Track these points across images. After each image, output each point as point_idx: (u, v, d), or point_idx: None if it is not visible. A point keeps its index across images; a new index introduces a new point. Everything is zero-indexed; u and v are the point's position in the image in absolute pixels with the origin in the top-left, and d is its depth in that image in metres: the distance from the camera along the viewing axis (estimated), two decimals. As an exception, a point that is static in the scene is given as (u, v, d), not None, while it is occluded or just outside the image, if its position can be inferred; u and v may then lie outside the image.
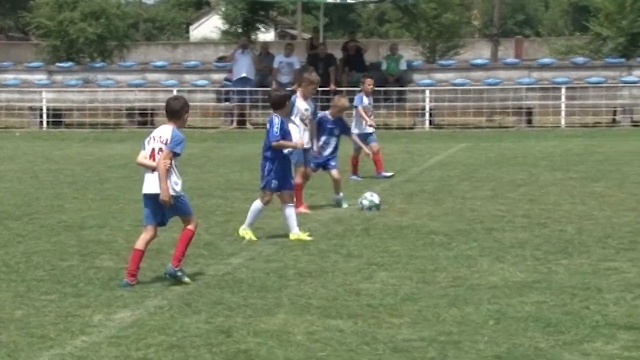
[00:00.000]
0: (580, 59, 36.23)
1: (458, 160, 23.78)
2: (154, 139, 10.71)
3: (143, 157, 10.76)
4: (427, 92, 34.49)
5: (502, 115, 35.77)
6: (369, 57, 37.43)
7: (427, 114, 34.65)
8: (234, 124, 34.88)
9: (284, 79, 34.51)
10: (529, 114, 34.98)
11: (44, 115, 35.79)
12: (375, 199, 15.73)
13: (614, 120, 34.68)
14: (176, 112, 10.83)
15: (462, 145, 28.02)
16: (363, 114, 20.14)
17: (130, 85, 36.07)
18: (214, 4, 70.44)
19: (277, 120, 13.27)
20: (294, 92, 15.92)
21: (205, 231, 13.73)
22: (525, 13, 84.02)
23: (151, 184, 10.64)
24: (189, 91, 35.53)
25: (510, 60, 39.70)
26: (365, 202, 15.70)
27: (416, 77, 35.56)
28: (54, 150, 27.71)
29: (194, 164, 23.28)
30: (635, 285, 10.20)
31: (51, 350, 8.13)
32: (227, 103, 35.01)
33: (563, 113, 34.31)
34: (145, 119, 35.56)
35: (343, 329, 8.67)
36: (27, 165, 23.51)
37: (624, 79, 34.31)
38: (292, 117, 14.89)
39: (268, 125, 13.36)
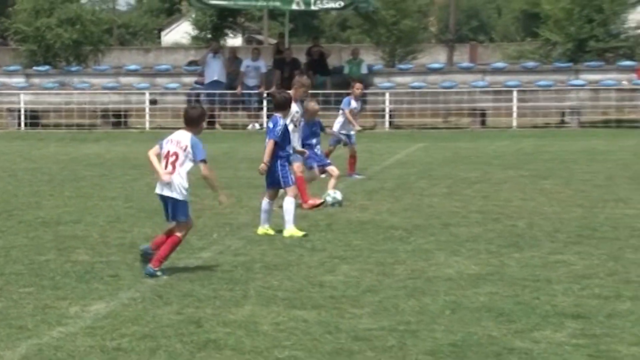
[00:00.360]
0: (530, 64, 36.41)
1: (416, 159, 23.84)
2: (172, 142, 10.76)
3: (155, 153, 10.82)
4: (387, 95, 34.55)
5: (458, 117, 35.92)
6: (332, 61, 37.43)
7: (387, 115, 34.72)
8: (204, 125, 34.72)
9: (251, 82, 34.51)
10: (483, 115, 35.14)
11: (22, 117, 35.51)
12: (338, 195, 15.76)
13: (562, 122, 34.88)
14: (194, 120, 10.91)
15: (420, 145, 28.09)
16: (351, 117, 19.99)
17: (104, 88, 35.88)
18: (184, 11, 70.19)
19: (282, 121, 13.17)
20: None
21: (177, 227, 13.69)
22: (479, 20, 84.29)
23: (162, 185, 10.68)
24: (161, 94, 35.44)
25: (465, 64, 39.83)
26: (329, 199, 15.73)
27: (377, 80, 35.60)
28: (31, 150, 27.52)
29: (165, 162, 23.21)
30: (582, 276, 10.26)
31: (29, 341, 8.08)
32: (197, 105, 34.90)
33: (515, 114, 34.47)
34: (119, 120, 35.43)
35: (307, 319, 8.67)
36: (5, 164, 23.33)
37: (572, 82, 34.51)
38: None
39: (271, 125, 13.15)
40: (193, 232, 13.14)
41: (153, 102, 35.25)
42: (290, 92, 14.97)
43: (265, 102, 34.35)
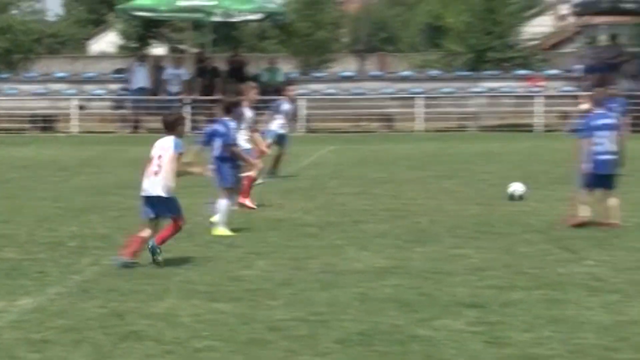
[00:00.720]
0: (434, 72, 36.78)
1: (329, 161, 23.91)
2: (157, 147, 10.94)
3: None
4: (303, 101, 34.58)
5: (368, 121, 36.09)
6: (250, 69, 37.35)
7: (303, 120, 34.75)
8: (130, 129, 34.46)
9: (174, 88, 34.33)
10: (391, 120, 35.41)
11: (-46, 122, 34.83)
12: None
13: (463, 126, 35.27)
14: (171, 124, 11.05)
15: (333, 147, 28.15)
16: (270, 119, 19.85)
17: (33, 94, 35.31)
18: (111, 22, 69.39)
19: (232, 124, 13.05)
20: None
21: (102, 225, 13.55)
22: (387, 32, 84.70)
23: (148, 187, 10.80)
24: (88, 100, 35.00)
25: (375, 73, 40.07)
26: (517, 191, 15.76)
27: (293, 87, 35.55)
28: (-37, 153, 26.95)
29: (92, 164, 22.98)
30: (480, 269, 10.37)
31: (-42, 335, 7.91)
32: (122, 110, 34.61)
33: (420, 119, 34.77)
34: (46, 125, 34.93)
35: (225, 311, 8.63)
36: (-62, 166, 22.81)
37: (472, 89, 34.96)
38: (242, 125, 14.52)
39: (222, 128, 12.91)
40: (118, 231, 13.02)
41: (81, 107, 34.81)
42: (238, 97, 14.72)
43: (189, 108, 34.15)
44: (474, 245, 11.84)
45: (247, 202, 14.98)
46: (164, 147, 10.82)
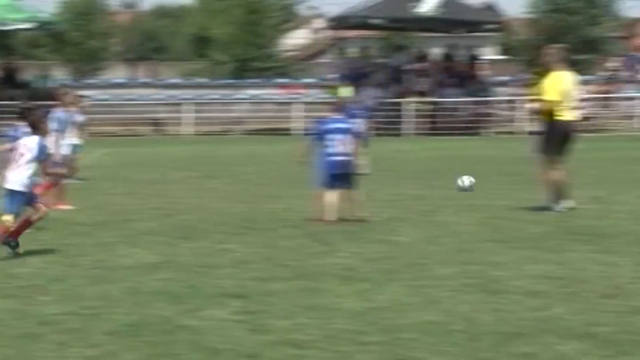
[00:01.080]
0: (202, 80, 36.83)
1: (101, 164, 23.43)
2: (22, 145, 10.62)
3: (5, 148, 10.85)
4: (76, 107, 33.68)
5: (138, 126, 35.67)
6: (22, 76, 36.14)
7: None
8: None
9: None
10: (161, 124, 35.17)
11: None
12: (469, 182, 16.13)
13: (229, 130, 35.48)
14: (33, 123, 10.67)
15: (105, 150, 27.62)
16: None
17: None
18: None
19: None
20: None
21: None
22: (158, 41, 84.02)
23: (9, 180, 10.59)
24: None
25: (145, 80, 39.65)
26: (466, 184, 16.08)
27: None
28: None
29: None
30: (243, 262, 10.44)
31: None
32: None
33: (188, 124, 34.68)
34: None
35: (-3, 308, 8.29)
36: None
37: (236, 96, 35.23)
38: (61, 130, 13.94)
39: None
40: None
41: None
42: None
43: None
44: (239, 240, 11.90)
45: (62, 206, 14.60)
46: (27, 147, 10.52)
